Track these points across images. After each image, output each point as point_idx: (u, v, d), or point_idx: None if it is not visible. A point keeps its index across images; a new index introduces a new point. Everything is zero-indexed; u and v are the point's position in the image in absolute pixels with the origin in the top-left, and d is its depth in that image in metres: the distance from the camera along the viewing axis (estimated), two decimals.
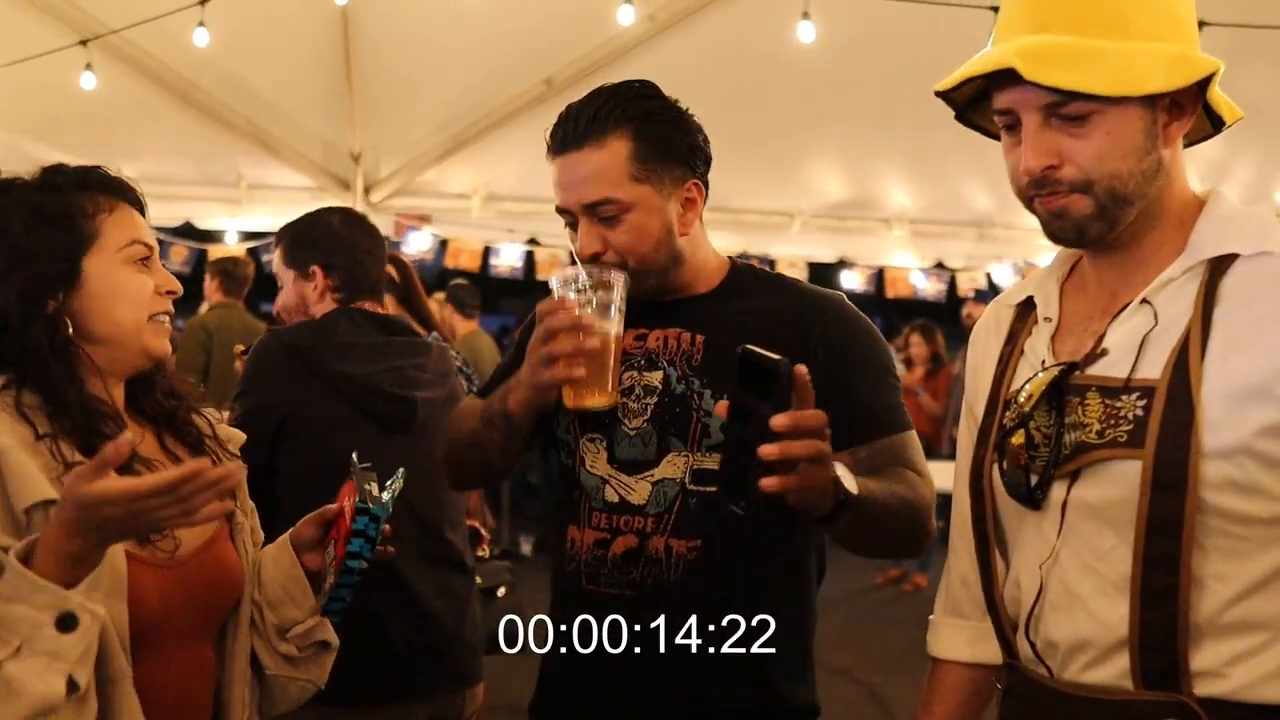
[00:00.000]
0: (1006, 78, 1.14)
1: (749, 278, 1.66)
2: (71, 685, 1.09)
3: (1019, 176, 1.17)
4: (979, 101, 1.25)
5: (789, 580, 1.62)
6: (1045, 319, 1.26)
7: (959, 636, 1.39)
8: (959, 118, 1.28)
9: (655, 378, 1.56)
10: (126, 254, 1.31)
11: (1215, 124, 1.22)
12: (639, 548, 1.53)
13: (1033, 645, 1.22)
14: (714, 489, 1.44)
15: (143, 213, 1.38)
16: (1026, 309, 1.31)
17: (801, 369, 1.19)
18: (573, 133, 1.53)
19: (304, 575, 1.41)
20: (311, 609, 1.42)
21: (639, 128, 1.53)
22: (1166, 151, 1.16)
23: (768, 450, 1.16)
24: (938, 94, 1.23)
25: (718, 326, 1.56)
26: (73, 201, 1.30)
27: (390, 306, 2.73)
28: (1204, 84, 1.14)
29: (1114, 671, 1.14)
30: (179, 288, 1.36)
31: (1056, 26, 1.13)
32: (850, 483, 1.29)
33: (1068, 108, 1.12)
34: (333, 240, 2.35)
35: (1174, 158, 1.18)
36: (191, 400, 1.44)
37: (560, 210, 1.57)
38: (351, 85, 5.29)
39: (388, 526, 1.41)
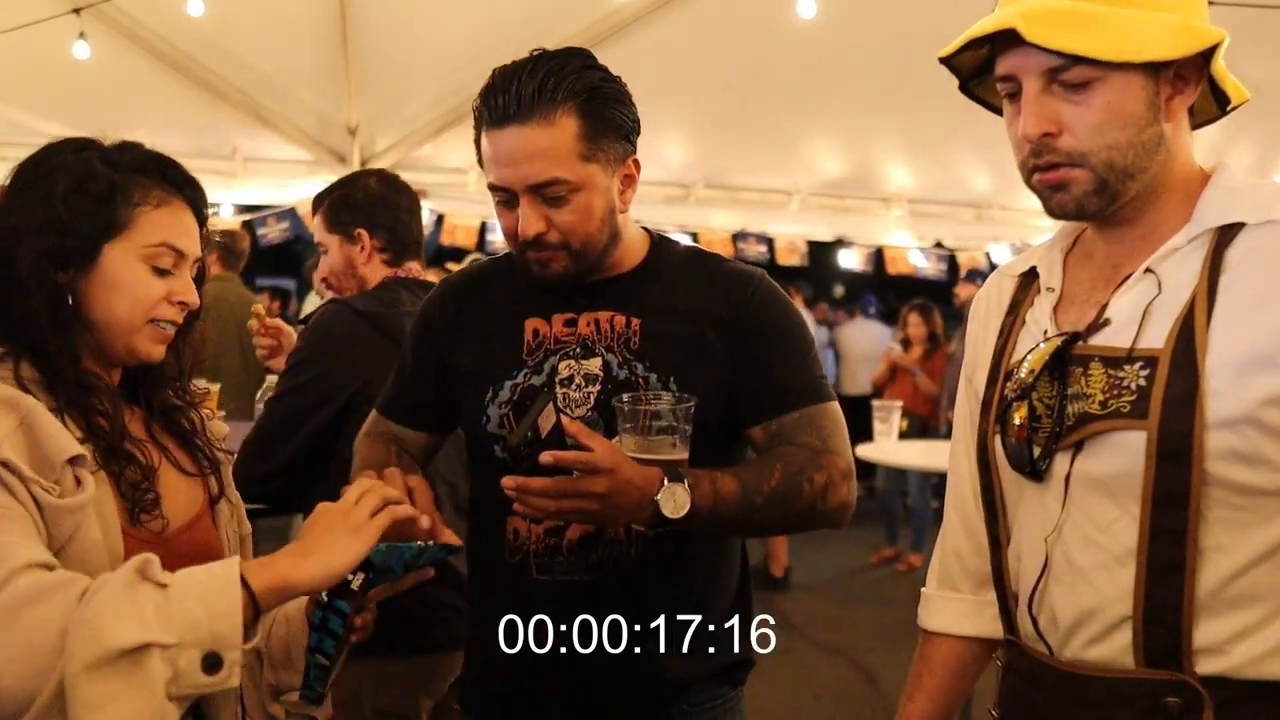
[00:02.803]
0: (1009, 43, 1.12)
1: (671, 252, 1.62)
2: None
3: (1020, 146, 1.16)
4: (983, 74, 1.23)
5: (733, 542, 1.65)
6: (1048, 289, 1.25)
7: (951, 609, 1.39)
8: (963, 89, 1.27)
9: (594, 365, 1.53)
10: (149, 253, 1.28)
11: (1221, 104, 1.21)
12: (597, 532, 1.52)
13: (1034, 621, 1.22)
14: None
15: (200, 214, 1.34)
16: (1029, 279, 1.30)
17: (545, 457, 1.30)
18: (516, 104, 1.43)
19: None
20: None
21: (586, 103, 1.45)
22: (1168, 125, 1.14)
23: (506, 481, 1.32)
24: (941, 60, 1.22)
25: (650, 308, 1.55)
26: (121, 184, 1.27)
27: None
28: (1210, 56, 1.13)
29: (1116, 647, 1.13)
30: (195, 302, 1.33)
31: None
32: (674, 508, 1.36)
33: (1069, 73, 1.11)
34: (374, 202, 2.37)
35: (1177, 132, 1.16)
36: (196, 406, 1.43)
37: (495, 188, 1.49)
38: (347, 58, 5.25)
39: (364, 616, 1.32)
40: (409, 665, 2.20)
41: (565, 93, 1.44)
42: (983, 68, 1.22)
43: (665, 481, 1.36)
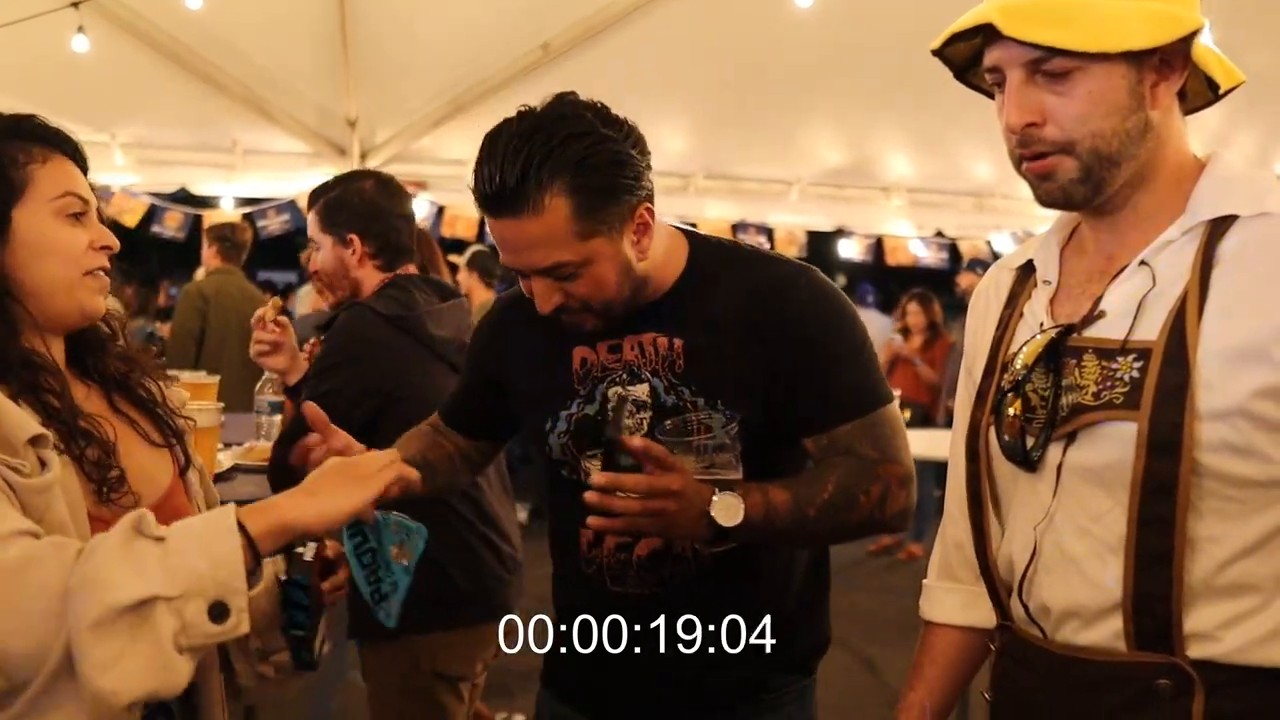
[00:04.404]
0: (993, 35, 1.13)
1: (710, 258, 1.56)
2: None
3: (1008, 136, 1.17)
4: (977, 64, 1.24)
5: (808, 556, 1.65)
6: (1044, 282, 1.26)
7: (952, 600, 1.40)
8: (959, 78, 1.27)
9: (642, 391, 1.51)
10: (58, 205, 1.27)
11: (1215, 89, 1.21)
12: (665, 547, 1.53)
13: (1026, 608, 1.23)
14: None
15: (82, 165, 1.33)
16: (1027, 272, 1.31)
17: (635, 443, 1.33)
18: (502, 197, 1.38)
19: None
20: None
21: (574, 180, 1.37)
22: (1155, 112, 1.14)
23: (588, 497, 1.32)
24: (934, 53, 1.23)
25: (692, 326, 1.51)
26: (2, 150, 1.26)
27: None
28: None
29: (1107, 633, 1.14)
30: (115, 244, 1.32)
31: None
32: (729, 516, 1.37)
33: (1049, 64, 1.11)
34: (367, 208, 2.40)
35: (1166, 119, 1.16)
36: (147, 366, 1.41)
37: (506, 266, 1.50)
38: (347, 50, 5.24)
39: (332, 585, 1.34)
40: (464, 634, 2.36)
41: (550, 175, 1.36)
42: (976, 57, 1.23)
43: (717, 492, 1.37)
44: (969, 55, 1.21)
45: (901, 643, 5.46)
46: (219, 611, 1.05)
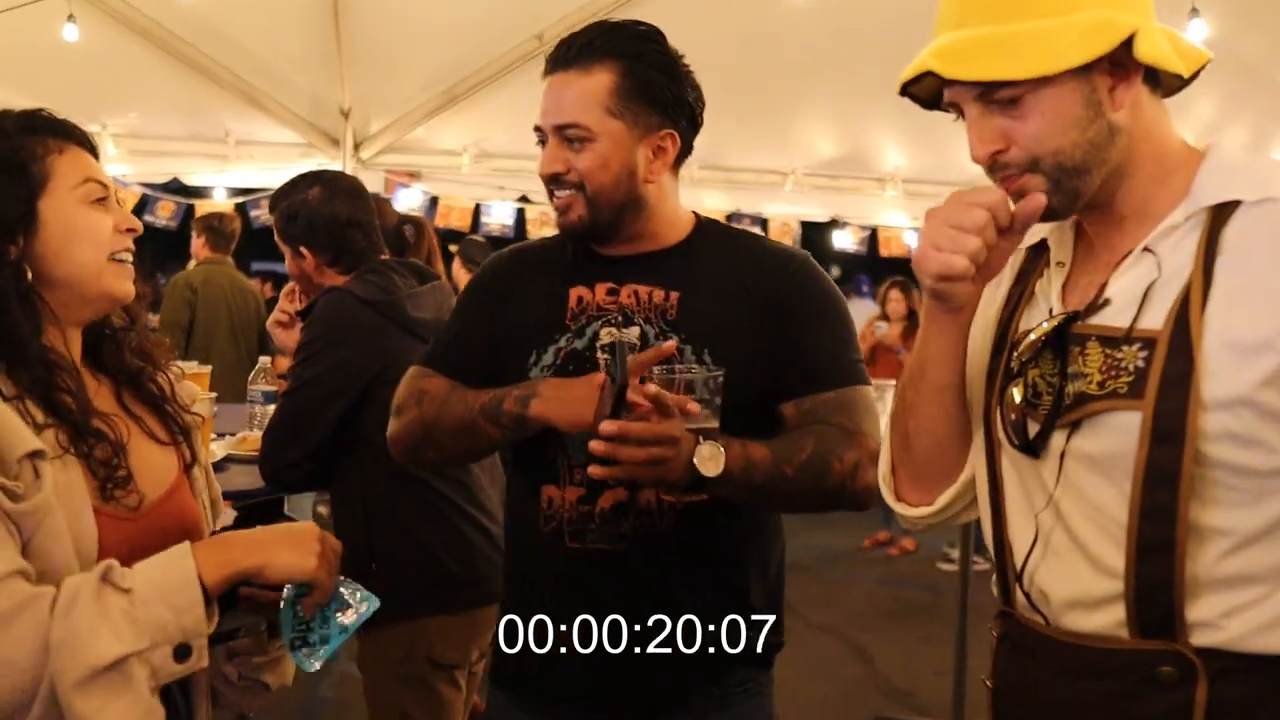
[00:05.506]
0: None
1: (715, 232, 1.67)
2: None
3: (977, 164, 1.18)
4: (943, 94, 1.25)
5: (761, 524, 1.66)
6: (1058, 263, 1.26)
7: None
8: (931, 109, 1.27)
9: (634, 334, 1.57)
10: (81, 193, 1.29)
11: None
12: (630, 500, 1.54)
13: (1027, 595, 1.22)
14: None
15: (94, 153, 1.36)
16: (1038, 251, 1.30)
17: (649, 388, 1.37)
18: (565, 55, 1.56)
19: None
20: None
21: (628, 65, 1.54)
22: (1118, 114, 1.14)
23: (595, 446, 1.36)
24: (901, 94, 1.24)
25: (689, 282, 1.58)
26: (21, 145, 1.28)
27: None
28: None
29: (1109, 621, 1.14)
30: (138, 226, 1.34)
31: (974, 20, 1.14)
32: (712, 465, 1.40)
33: (998, 94, 1.13)
34: (312, 220, 2.40)
35: (1135, 114, 1.16)
36: (160, 362, 1.42)
37: (536, 128, 1.59)
38: (340, 40, 5.22)
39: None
40: (460, 621, 2.34)
41: (609, 49, 1.55)
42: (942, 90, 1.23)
43: (700, 439, 1.41)
44: (934, 90, 1.22)
45: (895, 632, 5.51)
46: (183, 652, 1.15)
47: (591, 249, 1.63)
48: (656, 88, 1.56)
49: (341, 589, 1.32)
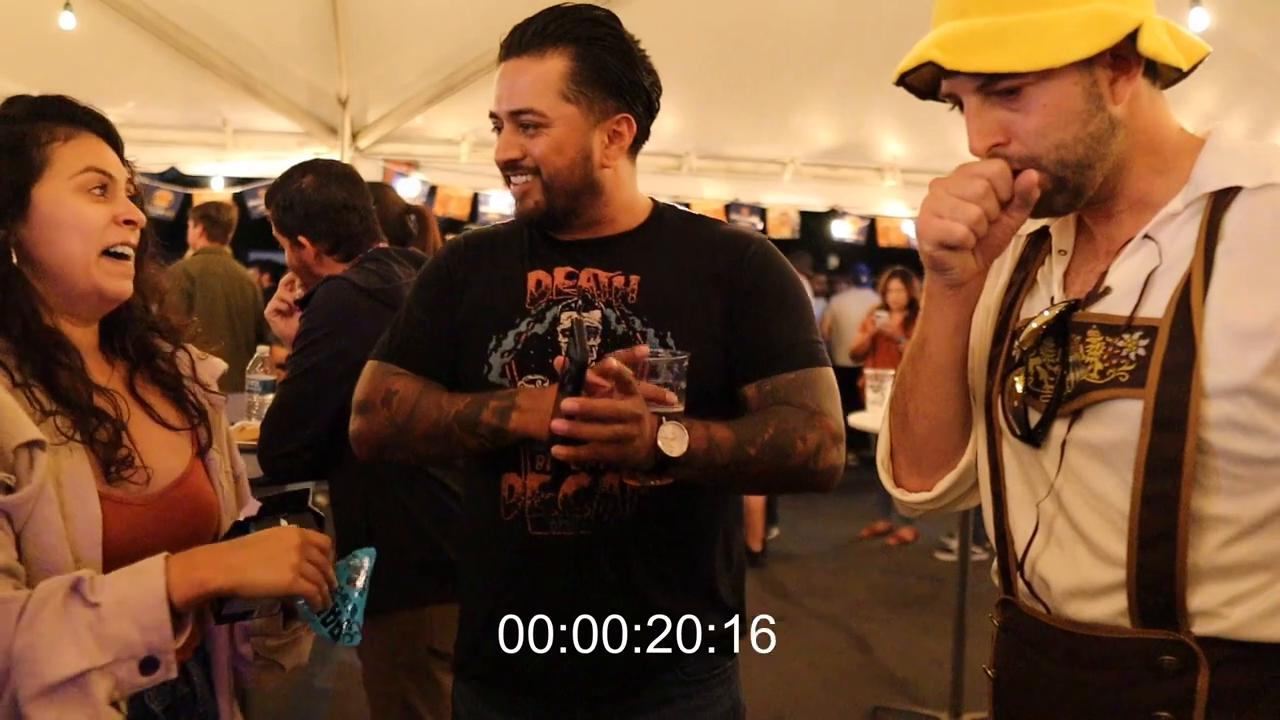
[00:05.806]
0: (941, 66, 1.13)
1: (672, 216, 1.67)
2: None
3: (976, 156, 1.17)
4: (939, 85, 1.23)
5: (725, 511, 1.67)
6: (1060, 251, 1.25)
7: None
8: (926, 99, 1.26)
9: (594, 317, 1.56)
10: (79, 181, 1.28)
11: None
12: (592, 486, 1.54)
13: (1028, 584, 1.22)
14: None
15: (114, 144, 1.35)
16: (1039, 239, 1.29)
17: (610, 364, 1.35)
18: (519, 40, 1.56)
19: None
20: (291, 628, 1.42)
21: (582, 49, 1.54)
22: (1118, 108, 1.13)
23: (556, 424, 1.34)
24: (896, 84, 1.22)
25: (649, 266, 1.58)
26: (25, 131, 1.27)
27: None
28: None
29: (1111, 610, 1.14)
30: (139, 217, 1.32)
31: (975, 10, 1.12)
32: (676, 445, 1.39)
33: (999, 85, 1.12)
34: (307, 208, 2.40)
35: (1134, 107, 1.15)
36: (179, 339, 1.41)
37: (491, 115, 1.59)
38: (338, 28, 5.20)
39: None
40: (458, 608, 2.29)
41: (563, 34, 1.54)
42: (938, 81, 1.21)
43: (663, 420, 1.40)
44: (930, 80, 1.20)
45: (894, 621, 5.52)
46: (150, 665, 1.14)
47: (549, 234, 1.62)
48: (612, 72, 1.55)
49: (337, 564, 1.31)
